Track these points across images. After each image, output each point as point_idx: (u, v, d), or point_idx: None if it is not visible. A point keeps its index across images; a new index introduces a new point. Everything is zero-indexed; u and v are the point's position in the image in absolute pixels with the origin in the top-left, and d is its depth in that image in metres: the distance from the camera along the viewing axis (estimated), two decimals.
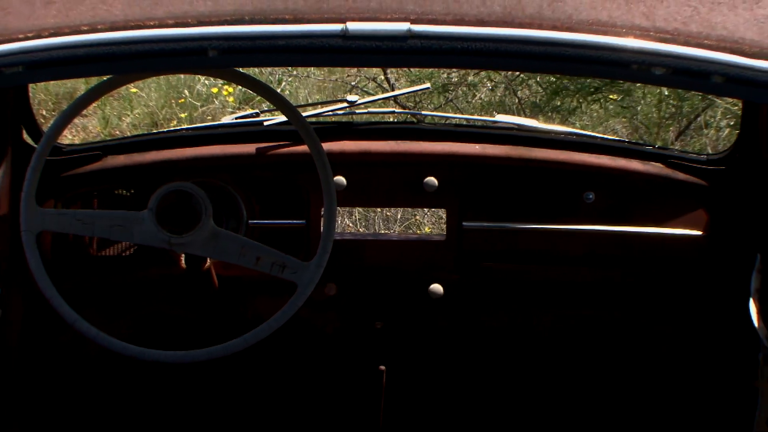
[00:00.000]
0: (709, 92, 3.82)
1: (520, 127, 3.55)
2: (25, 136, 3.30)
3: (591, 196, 3.28)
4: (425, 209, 5.91)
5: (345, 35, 1.51)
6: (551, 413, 3.45)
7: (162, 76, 8.26)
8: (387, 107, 4.20)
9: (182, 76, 8.35)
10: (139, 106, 8.78)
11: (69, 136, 7.56)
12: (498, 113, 5.58)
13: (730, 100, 7.05)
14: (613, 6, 1.56)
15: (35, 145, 3.12)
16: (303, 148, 2.96)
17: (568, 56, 1.54)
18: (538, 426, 3.44)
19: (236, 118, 3.73)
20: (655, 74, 1.55)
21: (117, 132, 8.32)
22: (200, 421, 3.40)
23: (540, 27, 1.53)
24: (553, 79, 7.98)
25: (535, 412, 3.45)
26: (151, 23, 1.54)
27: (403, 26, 1.51)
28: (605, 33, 1.53)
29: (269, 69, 8.28)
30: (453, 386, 3.44)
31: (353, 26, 1.51)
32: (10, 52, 1.51)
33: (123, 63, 1.61)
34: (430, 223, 6.36)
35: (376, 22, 1.52)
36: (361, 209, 6.04)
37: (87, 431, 3.40)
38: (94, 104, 4.40)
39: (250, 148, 3.25)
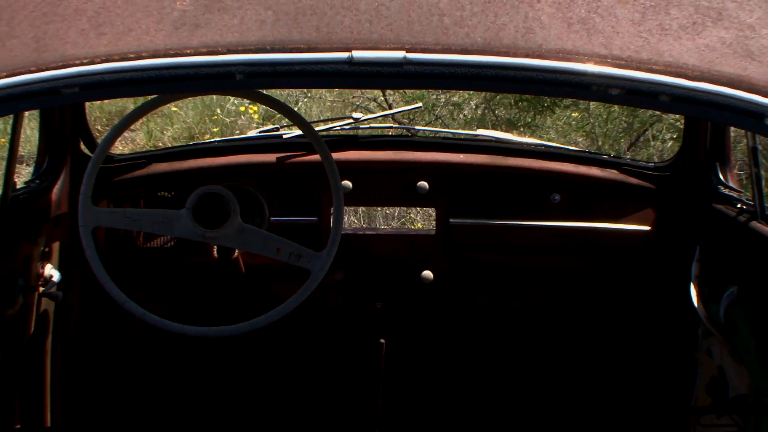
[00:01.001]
0: (657, 109, 3.94)
1: (498, 140, 3.74)
2: (83, 147, 3.43)
3: (557, 197, 3.46)
4: (418, 208, 5.99)
5: (351, 62, 1.59)
6: (523, 376, 3.51)
7: (197, 97, 8.39)
8: (386, 123, 4.32)
9: (214, 96, 8.54)
10: (178, 122, 8.99)
11: (119, 147, 7.61)
12: (479, 128, 5.74)
13: (674, 116, 7.26)
14: (576, 37, 1.62)
15: (91, 155, 3.14)
16: (315, 157, 3.01)
17: (539, 80, 1.61)
18: (514, 385, 3.51)
19: (260, 132, 3.90)
20: (611, 94, 1.62)
21: (160, 144, 8.49)
22: (228, 384, 3.46)
23: (515, 55, 1.60)
24: (525, 98, 8.36)
25: (510, 376, 3.52)
26: (188, 51, 1.60)
27: (400, 54, 1.59)
28: (570, 60, 1.60)
29: (287, 90, 8.47)
30: (442, 356, 3.52)
31: (358, 54, 1.59)
32: (67, 75, 1.58)
33: (164, 85, 1.67)
34: (422, 219, 6.41)
35: (377, 51, 1.60)
36: (364, 208, 6.12)
37: (132, 393, 3.49)
38: (140, 120, 4.49)
39: (271, 157, 3.43)
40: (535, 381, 3.54)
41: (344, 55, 1.60)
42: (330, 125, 3.95)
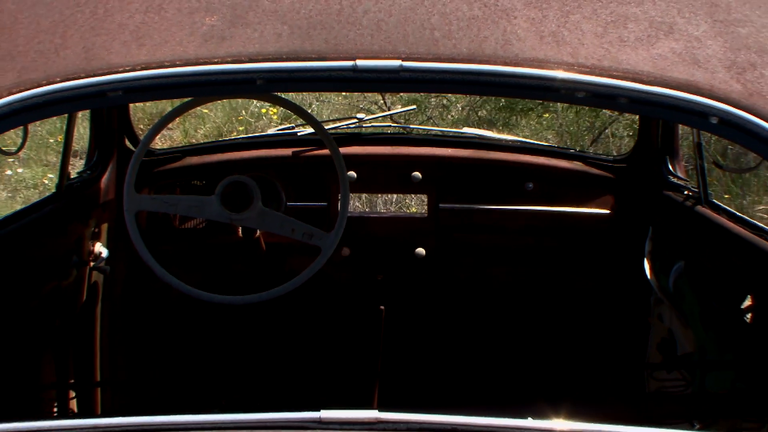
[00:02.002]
0: (616, 110, 3.95)
1: (480, 137, 3.76)
2: (127, 142, 3.44)
3: (530, 185, 3.44)
4: (412, 195, 6.00)
5: (355, 69, 1.58)
6: (500, 336, 3.51)
7: (224, 100, 8.36)
8: (385, 123, 4.33)
9: (239, 100, 8.54)
10: (209, 122, 8.98)
11: (159, 143, 7.60)
12: (464, 127, 5.76)
13: (630, 116, 7.25)
14: (548, 48, 1.60)
15: (134, 149, 3.20)
16: (325, 151, 3.00)
17: (516, 84, 1.60)
18: (493, 343, 3.51)
19: (278, 130, 3.90)
20: (577, 97, 1.61)
21: (193, 140, 8.46)
22: (250, 343, 3.47)
23: (495, 63, 1.58)
24: (503, 101, 8.53)
25: (489, 336, 3.52)
26: (215, 60, 1.59)
27: (397, 63, 1.58)
28: (541, 67, 1.58)
29: (301, 94, 8.39)
30: (432, 319, 3.52)
31: (361, 63, 1.58)
32: (112, 81, 1.57)
33: (195, 89, 1.69)
34: (416, 204, 6.37)
35: (377, 60, 1.58)
36: (366, 195, 6.09)
37: (169, 351, 3.49)
38: (176, 120, 4.47)
39: (287, 151, 3.44)
40: (510, 341, 3.54)
41: (349, 63, 1.59)
42: (337, 124, 3.99)
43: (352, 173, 3.36)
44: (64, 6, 1.73)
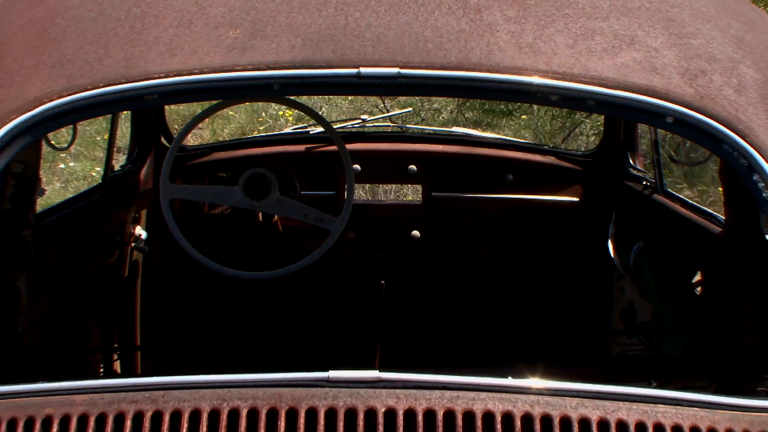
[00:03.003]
0: (585, 111, 3.94)
1: (467, 135, 3.75)
2: (163, 140, 3.43)
3: (510, 177, 3.44)
4: (409, 185, 6.02)
5: (358, 76, 1.57)
6: (484, 306, 3.53)
7: (246, 104, 8.27)
8: (385, 123, 4.32)
9: (259, 103, 8.51)
10: (233, 122, 8.92)
11: (190, 140, 7.56)
12: (454, 126, 5.75)
13: (597, 116, 7.24)
14: (525, 57, 1.59)
15: (169, 146, 3.20)
16: (333, 147, 3.04)
17: (497, 89, 1.59)
18: (478, 312, 3.53)
19: (293, 129, 3.88)
20: (551, 100, 1.61)
21: (220, 138, 8.39)
22: (268, 313, 3.47)
23: (480, 70, 1.58)
24: (487, 104, 8.55)
25: (475, 306, 3.54)
26: (238, 68, 1.58)
27: (395, 70, 1.57)
28: (520, 74, 1.57)
29: (313, 98, 8.38)
30: (426, 292, 3.53)
31: (364, 70, 1.57)
32: (149, 86, 1.57)
33: (220, 94, 1.67)
34: (411, 193, 6.35)
35: (378, 68, 1.57)
36: (369, 185, 6.13)
37: (199, 319, 3.50)
38: (205, 121, 4.44)
39: (301, 147, 3.43)
40: (493, 310, 3.55)
41: (353, 71, 1.58)
42: (344, 124, 3.96)
43: (357, 166, 3.36)
44: (106, 21, 1.71)
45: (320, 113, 3.02)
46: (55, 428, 1.27)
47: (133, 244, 3.22)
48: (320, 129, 3.43)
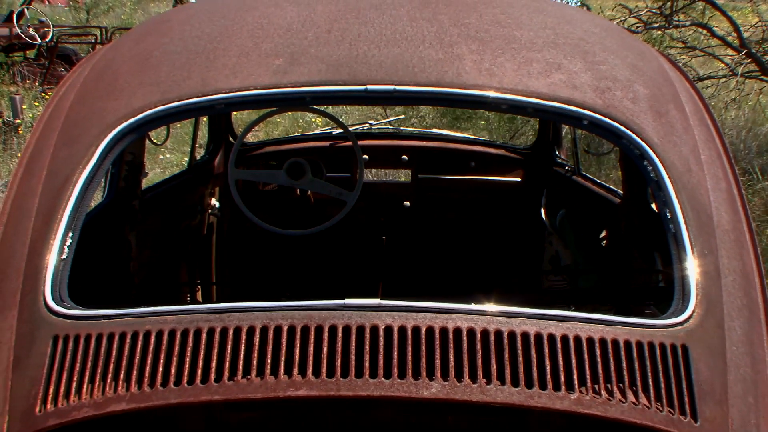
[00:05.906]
0: (526, 116, 3.92)
1: (443, 134, 3.69)
2: (230, 138, 3.38)
3: (473, 164, 3.39)
4: (402, 169, 6.03)
5: (366, 91, 1.55)
6: (456, 255, 3.49)
7: (288, 113, 8.24)
8: (385, 126, 4.29)
9: (297, 112, 8.34)
10: (280, 126, 8.87)
11: (250, 138, 7.56)
12: (434, 128, 5.68)
13: (533, 120, 7.02)
14: (484, 78, 1.56)
15: (234, 142, 3.16)
16: (349, 143, 3.02)
17: (464, 100, 1.57)
18: (451, 259, 3.49)
19: (321, 130, 3.83)
20: (502, 108, 1.58)
21: (270, 136, 8.28)
22: (304, 259, 3.42)
23: (452, 87, 1.55)
24: (457, 112, 8.51)
25: (449, 255, 3.50)
26: (281, 86, 1.56)
27: (391, 87, 1.55)
28: (480, 90, 1.55)
29: (334, 107, 8.31)
30: (415, 244, 3.50)
31: (370, 87, 1.55)
32: (218, 99, 1.55)
33: (268, 104, 1.64)
34: (404, 175, 6.44)
35: (379, 85, 1.55)
36: (374, 169, 6.12)
37: (254, 262, 3.45)
38: (260, 125, 4.33)
39: (326, 143, 3.40)
40: (461, 257, 3.52)
41: (362, 88, 1.56)
42: (356, 126, 3.92)
43: (365, 156, 3.32)
44: (188, 54, 1.68)
45: (340, 119, 2.97)
46: (152, 339, 1.27)
47: (209, 211, 3.21)
48: (339, 130, 3.37)
